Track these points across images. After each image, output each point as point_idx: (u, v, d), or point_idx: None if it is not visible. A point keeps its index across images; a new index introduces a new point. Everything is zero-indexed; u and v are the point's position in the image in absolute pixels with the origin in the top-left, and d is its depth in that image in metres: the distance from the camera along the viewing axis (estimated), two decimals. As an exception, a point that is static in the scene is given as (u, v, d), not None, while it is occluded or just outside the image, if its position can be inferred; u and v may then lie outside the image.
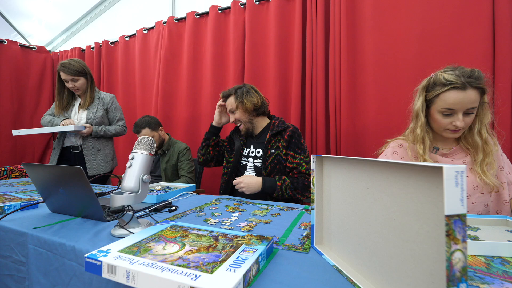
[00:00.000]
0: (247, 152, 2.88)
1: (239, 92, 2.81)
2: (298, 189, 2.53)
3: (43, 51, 6.33)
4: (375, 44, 3.37)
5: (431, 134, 1.97)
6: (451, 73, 1.77)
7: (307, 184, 2.57)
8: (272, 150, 2.66)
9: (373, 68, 3.37)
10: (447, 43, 3.01)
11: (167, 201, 2.14)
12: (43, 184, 1.78)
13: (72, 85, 3.62)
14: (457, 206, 0.59)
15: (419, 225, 0.70)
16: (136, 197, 1.47)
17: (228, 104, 2.88)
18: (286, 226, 1.54)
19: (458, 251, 0.59)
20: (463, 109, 1.76)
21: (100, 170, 3.74)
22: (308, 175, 2.60)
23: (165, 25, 4.94)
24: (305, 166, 2.60)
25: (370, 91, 3.40)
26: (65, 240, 1.34)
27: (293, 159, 2.61)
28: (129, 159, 1.54)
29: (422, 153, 1.91)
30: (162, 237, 1.18)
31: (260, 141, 2.82)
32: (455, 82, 1.73)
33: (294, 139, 2.65)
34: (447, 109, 1.79)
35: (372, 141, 3.37)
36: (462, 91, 1.73)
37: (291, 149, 2.63)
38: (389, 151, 2.14)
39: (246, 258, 0.97)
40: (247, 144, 2.93)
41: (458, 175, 0.59)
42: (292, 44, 3.92)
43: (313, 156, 1.22)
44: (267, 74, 4.08)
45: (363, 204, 0.95)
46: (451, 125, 1.82)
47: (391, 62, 3.28)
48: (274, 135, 2.70)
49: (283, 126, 2.71)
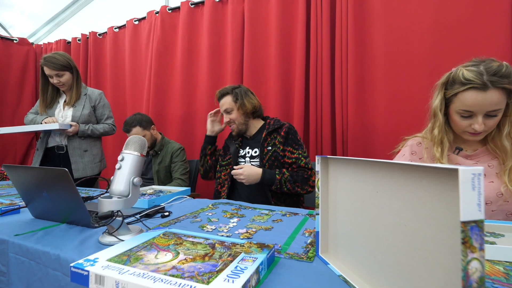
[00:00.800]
0: (243, 153, 2.94)
1: (238, 92, 2.92)
2: (298, 182, 2.61)
3: (26, 44, 6.35)
4: (385, 36, 3.36)
5: (451, 135, 1.92)
6: (472, 70, 1.69)
7: (306, 177, 2.65)
8: (269, 148, 2.74)
9: (383, 62, 3.37)
10: (462, 34, 2.99)
11: (159, 205, 2.14)
12: (25, 187, 1.78)
13: (57, 81, 3.61)
14: (474, 212, 0.58)
15: (433, 232, 0.70)
16: (126, 202, 1.47)
17: (223, 104, 2.94)
18: (289, 233, 1.53)
19: (475, 260, 0.58)
20: (483, 112, 1.69)
21: (87, 172, 3.74)
22: (308, 169, 2.69)
23: (157, 15, 4.95)
24: (304, 160, 2.69)
25: (380, 87, 3.39)
26: (49, 248, 1.33)
27: (291, 154, 2.70)
28: (119, 161, 1.53)
29: (439, 156, 1.87)
30: (154, 245, 1.18)
31: (256, 141, 2.90)
32: (474, 82, 1.66)
33: (291, 135, 2.76)
34: (465, 111, 1.74)
35: (382, 141, 3.36)
36: (482, 92, 1.65)
37: (288, 145, 2.73)
38: (407, 151, 2.12)
39: (245, 268, 0.97)
40: (242, 146, 3.00)
41: (475, 177, 0.58)
42: (295, 35, 3.91)
43: (318, 157, 1.21)
44: (268, 68, 4.08)
45: (372, 209, 0.95)
46: (469, 128, 1.76)
47: (402, 55, 3.28)
48: (270, 133, 2.80)
49: (278, 124, 2.84)
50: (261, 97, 4.03)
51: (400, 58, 3.28)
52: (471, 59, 1.79)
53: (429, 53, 3.14)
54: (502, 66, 1.65)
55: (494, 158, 1.85)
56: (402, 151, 2.16)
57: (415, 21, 3.21)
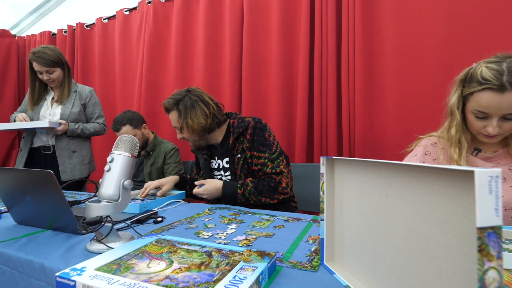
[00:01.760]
0: (216, 165, 2.85)
1: (182, 108, 2.64)
2: (264, 193, 2.49)
3: (7, 35, 6.34)
4: (395, 28, 3.35)
5: (469, 135, 1.89)
6: (492, 68, 1.64)
7: (273, 185, 2.51)
8: (238, 155, 2.64)
9: (393, 56, 3.36)
10: (478, 26, 2.98)
11: (152, 210, 2.14)
12: (7, 191, 1.79)
13: (47, 77, 3.62)
14: (491, 217, 0.58)
15: (447, 239, 0.70)
16: (115, 206, 1.47)
17: (171, 119, 2.78)
18: (292, 240, 1.53)
19: (492, 269, 0.58)
20: (498, 114, 1.66)
21: (75, 175, 3.75)
22: (276, 174, 2.55)
23: (149, 4, 4.95)
24: (270, 166, 2.56)
25: (390, 83, 3.38)
26: (33, 256, 1.34)
27: (258, 159, 2.58)
28: (108, 162, 1.53)
29: (457, 158, 1.85)
30: (146, 253, 1.18)
31: (225, 148, 2.79)
32: (491, 82, 1.62)
33: (256, 136, 2.61)
34: (480, 112, 1.71)
35: (392, 142, 3.36)
36: (499, 94, 1.61)
37: (254, 149, 2.59)
38: (421, 151, 2.09)
39: (244, 278, 0.97)
40: (211, 156, 2.92)
41: (493, 180, 0.58)
42: (298, 27, 3.91)
43: (323, 158, 1.21)
44: (269, 62, 4.08)
45: (381, 214, 0.95)
46: (484, 130, 1.74)
47: (413, 49, 3.27)
48: (236, 138, 2.66)
49: (243, 126, 2.67)
50: (262, 93, 4.06)
51: (411, 52, 3.27)
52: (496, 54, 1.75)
53: (443, 47, 3.12)
54: None
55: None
56: (415, 151, 2.15)
57: (427, 12, 3.20)
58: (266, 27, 4.09)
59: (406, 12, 3.28)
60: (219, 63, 4.45)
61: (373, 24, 3.45)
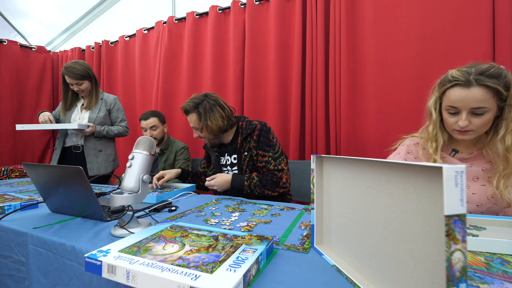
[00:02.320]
0: (224, 161, 2.84)
1: (202, 111, 2.62)
2: (267, 186, 2.50)
3: (43, 51, 6.34)
4: (375, 44, 3.37)
5: (446, 134, 1.87)
6: (461, 69, 1.69)
7: (275, 180, 2.52)
8: (245, 153, 2.64)
9: (373, 68, 3.38)
10: (447, 43, 3.01)
11: (167, 201, 2.14)
12: (43, 184, 1.79)
13: (77, 88, 3.69)
14: (457, 206, 0.59)
15: (419, 225, 0.71)
16: (136, 197, 1.48)
17: (190, 121, 2.75)
18: (286, 226, 1.54)
19: (458, 251, 0.59)
20: (467, 108, 1.66)
21: (101, 171, 3.77)
22: (277, 171, 2.57)
23: (165, 25, 4.95)
24: (273, 163, 2.56)
25: (370, 92, 3.40)
26: (65, 240, 1.34)
27: (262, 158, 2.58)
28: (129, 159, 1.54)
29: (433, 152, 1.84)
30: (162, 237, 1.18)
31: (234, 147, 2.79)
32: (458, 79, 1.66)
33: (262, 137, 2.61)
34: (451, 107, 1.71)
35: (372, 141, 3.38)
36: (465, 89, 1.64)
37: (260, 149, 2.59)
38: (403, 150, 2.07)
39: (246, 258, 0.98)
40: (221, 153, 2.90)
41: (458, 175, 0.59)
42: (292, 44, 3.92)
43: (313, 156, 1.21)
44: (267, 74, 4.09)
45: (363, 204, 0.95)
46: (456, 125, 1.72)
47: (391, 62, 3.29)
48: (244, 138, 2.66)
49: (251, 127, 2.67)
50: (261, 100, 4.07)
51: (390, 65, 3.29)
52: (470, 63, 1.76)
53: (417, 60, 3.15)
54: (492, 67, 1.63)
55: (489, 162, 1.80)
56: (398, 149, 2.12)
57: (403, 30, 3.21)
58: (265, 45, 4.09)
59: (384, 31, 3.29)
60: (224, 75, 4.44)
61: (356, 41, 3.46)
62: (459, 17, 2.96)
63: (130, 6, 5.80)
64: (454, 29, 2.98)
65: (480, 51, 2.87)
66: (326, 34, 3.67)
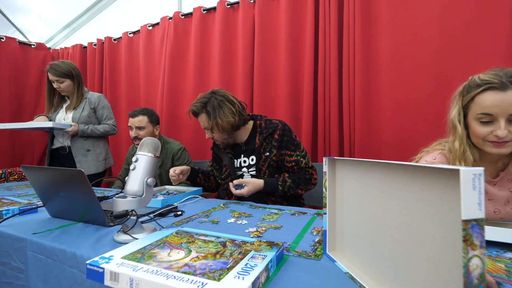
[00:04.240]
0: (238, 163, 2.76)
1: (210, 110, 2.53)
2: (301, 185, 2.51)
3: (43, 48, 6.38)
4: (391, 41, 3.36)
5: (476, 151, 1.67)
6: (489, 72, 1.55)
7: (308, 177, 2.54)
8: (266, 154, 2.58)
9: (389, 66, 3.37)
10: (466, 39, 2.99)
11: (173, 205, 2.15)
12: (42, 187, 1.80)
13: (57, 86, 3.80)
14: (475, 210, 0.59)
15: (435, 230, 0.71)
16: (140, 201, 1.49)
17: (200, 121, 2.67)
18: (297, 232, 1.54)
19: (475, 257, 0.59)
20: (504, 114, 1.48)
21: (91, 170, 3.87)
22: (309, 168, 2.58)
23: (170, 20, 4.96)
24: (303, 161, 2.56)
25: (386, 90, 3.39)
26: (66, 246, 1.35)
27: (290, 157, 2.55)
28: (133, 162, 1.55)
29: None
30: (167, 243, 1.19)
31: (249, 147, 2.72)
32: (491, 81, 1.49)
33: (286, 137, 2.57)
34: (484, 115, 1.53)
35: (388, 143, 3.36)
36: (501, 92, 1.47)
37: (285, 148, 2.55)
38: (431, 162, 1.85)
39: (255, 265, 0.98)
40: (235, 155, 2.81)
41: (476, 177, 0.59)
42: (304, 41, 3.91)
43: (325, 159, 1.22)
44: (277, 72, 4.08)
45: (377, 209, 0.95)
46: (491, 136, 1.53)
47: (407, 60, 3.28)
48: (265, 139, 2.59)
49: (272, 127, 2.61)
50: (271, 100, 4.07)
51: (406, 62, 3.27)
52: None
53: (434, 58, 3.13)
54: None
55: None
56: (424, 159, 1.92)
57: (420, 26, 3.20)
58: (275, 40, 4.10)
59: (401, 27, 3.28)
60: (233, 72, 4.45)
61: (371, 37, 3.45)
62: (479, 12, 2.95)
63: (134, 1, 5.83)
64: (474, 25, 2.96)
65: (500, 49, 2.85)
66: (340, 30, 3.66)
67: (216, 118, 2.49)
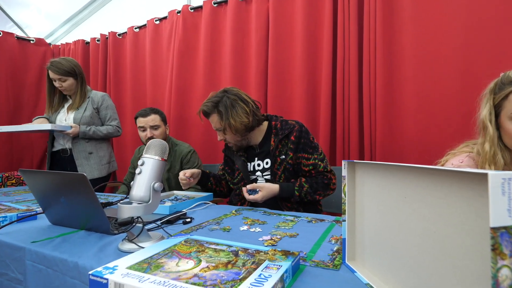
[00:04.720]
0: (251, 167, 2.78)
1: (222, 109, 2.50)
2: (319, 190, 2.50)
3: (43, 44, 6.43)
4: (414, 36, 3.34)
5: (507, 155, 1.64)
6: None
7: (327, 182, 2.52)
8: (282, 157, 2.56)
9: (412, 63, 3.35)
10: (495, 33, 2.96)
11: (181, 212, 2.15)
12: (42, 193, 1.81)
13: (59, 85, 3.78)
14: (504, 218, 0.59)
15: (462, 238, 0.71)
16: (146, 208, 1.49)
17: (212, 122, 2.67)
18: (315, 240, 1.54)
19: (505, 267, 0.59)
20: None
21: (94, 174, 3.86)
22: (327, 172, 2.56)
23: (179, 14, 4.98)
24: (321, 165, 2.54)
25: (409, 89, 3.37)
26: (67, 255, 1.36)
27: (307, 161, 2.54)
28: (139, 165, 1.55)
29: None
30: (175, 252, 1.20)
31: (264, 150, 2.71)
32: None
33: (303, 139, 2.55)
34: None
35: (411, 145, 3.34)
36: None
37: (303, 151, 2.54)
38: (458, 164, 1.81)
39: (269, 276, 0.98)
40: (249, 158, 2.81)
41: (505, 182, 0.59)
42: (321, 36, 3.90)
43: (345, 162, 1.22)
44: (293, 69, 4.08)
45: (400, 215, 0.95)
46: None
47: (432, 56, 3.25)
48: (280, 141, 2.58)
49: (288, 128, 2.59)
50: (286, 99, 4.07)
51: (430, 59, 3.25)
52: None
53: (461, 54, 3.09)
54: None
55: None
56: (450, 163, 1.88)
57: (445, 20, 3.18)
58: (291, 36, 4.09)
59: (424, 21, 3.27)
60: (246, 69, 4.45)
61: (393, 32, 3.44)
62: (509, 3, 2.91)
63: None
64: (503, 17, 2.93)
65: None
66: (360, 25, 3.65)
67: (229, 119, 2.47)
